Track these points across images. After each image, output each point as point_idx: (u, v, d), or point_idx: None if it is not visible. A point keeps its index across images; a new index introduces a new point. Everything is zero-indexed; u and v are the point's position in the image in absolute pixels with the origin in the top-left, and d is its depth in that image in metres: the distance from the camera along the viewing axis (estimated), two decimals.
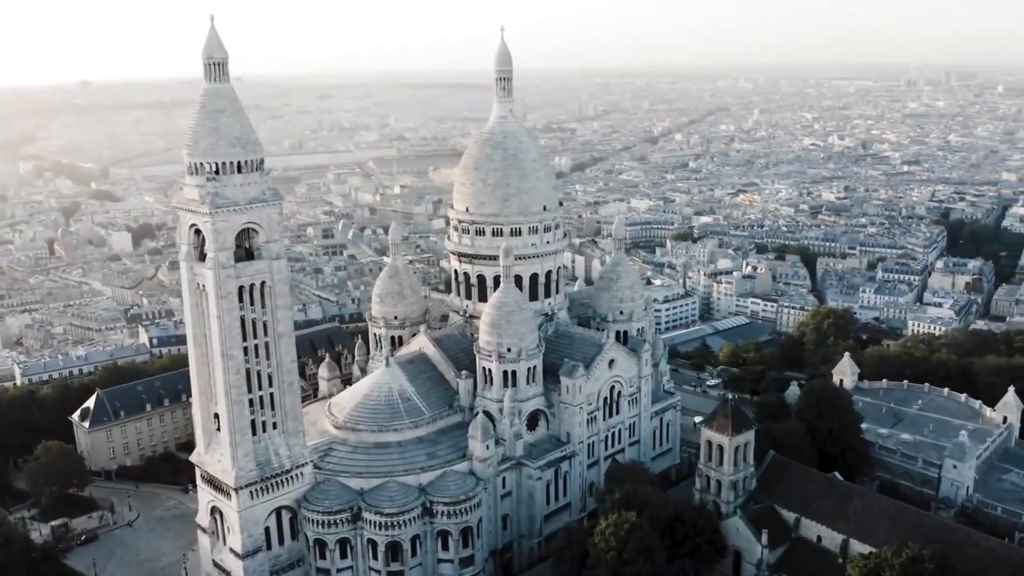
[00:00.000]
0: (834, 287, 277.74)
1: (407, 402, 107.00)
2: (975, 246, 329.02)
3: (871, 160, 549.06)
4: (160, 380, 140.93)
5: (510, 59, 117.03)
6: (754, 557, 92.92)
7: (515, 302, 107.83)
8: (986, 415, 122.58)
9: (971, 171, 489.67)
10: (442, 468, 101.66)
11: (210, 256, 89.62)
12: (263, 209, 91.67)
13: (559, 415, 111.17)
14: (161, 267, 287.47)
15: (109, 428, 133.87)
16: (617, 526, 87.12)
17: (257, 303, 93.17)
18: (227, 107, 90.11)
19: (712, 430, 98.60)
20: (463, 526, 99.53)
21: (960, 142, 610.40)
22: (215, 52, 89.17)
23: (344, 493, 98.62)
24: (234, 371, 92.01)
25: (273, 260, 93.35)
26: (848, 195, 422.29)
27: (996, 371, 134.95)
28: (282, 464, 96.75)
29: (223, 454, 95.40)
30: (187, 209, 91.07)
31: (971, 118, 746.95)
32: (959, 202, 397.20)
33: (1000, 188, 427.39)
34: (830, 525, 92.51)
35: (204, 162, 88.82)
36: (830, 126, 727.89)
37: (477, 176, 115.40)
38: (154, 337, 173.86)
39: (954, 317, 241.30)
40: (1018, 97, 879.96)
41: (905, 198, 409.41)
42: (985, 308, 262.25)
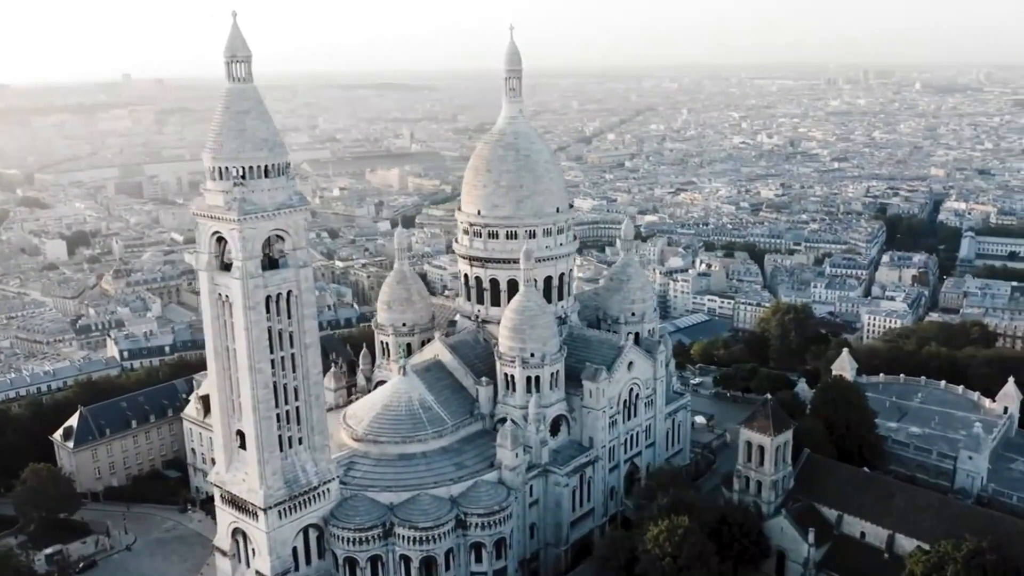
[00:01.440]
0: (785, 283, 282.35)
1: (428, 411, 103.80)
2: (913, 240, 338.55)
3: (801, 158, 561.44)
4: (144, 395, 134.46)
5: (519, 58, 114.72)
6: (800, 556, 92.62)
7: (537, 306, 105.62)
8: (986, 406, 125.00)
9: (899, 167, 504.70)
10: (472, 479, 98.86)
11: (237, 265, 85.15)
12: (291, 215, 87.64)
13: (581, 420, 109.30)
14: (105, 276, 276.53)
15: (94, 447, 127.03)
16: (671, 532, 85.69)
17: (283, 313, 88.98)
18: (252, 108, 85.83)
19: (753, 431, 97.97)
20: (497, 537, 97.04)
21: (885, 139, 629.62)
22: (239, 50, 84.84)
23: (374, 508, 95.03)
24: (262, 385, 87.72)
25: (300, 268, 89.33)
26: (786, 192, 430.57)
27: (987, 363, 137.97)
28: (309, 481, 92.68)
29: (248, 473, 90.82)
30: (210, 216, 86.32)
31: (893, 115, 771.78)
32: (893, 197, 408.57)
33: (930, 183, 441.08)
34: (875, 521, 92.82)
35: (230, 166, 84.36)
36: (757, 125, 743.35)
37: (490, 178, 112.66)
38: (125, 350, 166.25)
39: (907, 310, 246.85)
40: (935, 94, 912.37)
41: (841, 194, 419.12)
42: (933, 301, 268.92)
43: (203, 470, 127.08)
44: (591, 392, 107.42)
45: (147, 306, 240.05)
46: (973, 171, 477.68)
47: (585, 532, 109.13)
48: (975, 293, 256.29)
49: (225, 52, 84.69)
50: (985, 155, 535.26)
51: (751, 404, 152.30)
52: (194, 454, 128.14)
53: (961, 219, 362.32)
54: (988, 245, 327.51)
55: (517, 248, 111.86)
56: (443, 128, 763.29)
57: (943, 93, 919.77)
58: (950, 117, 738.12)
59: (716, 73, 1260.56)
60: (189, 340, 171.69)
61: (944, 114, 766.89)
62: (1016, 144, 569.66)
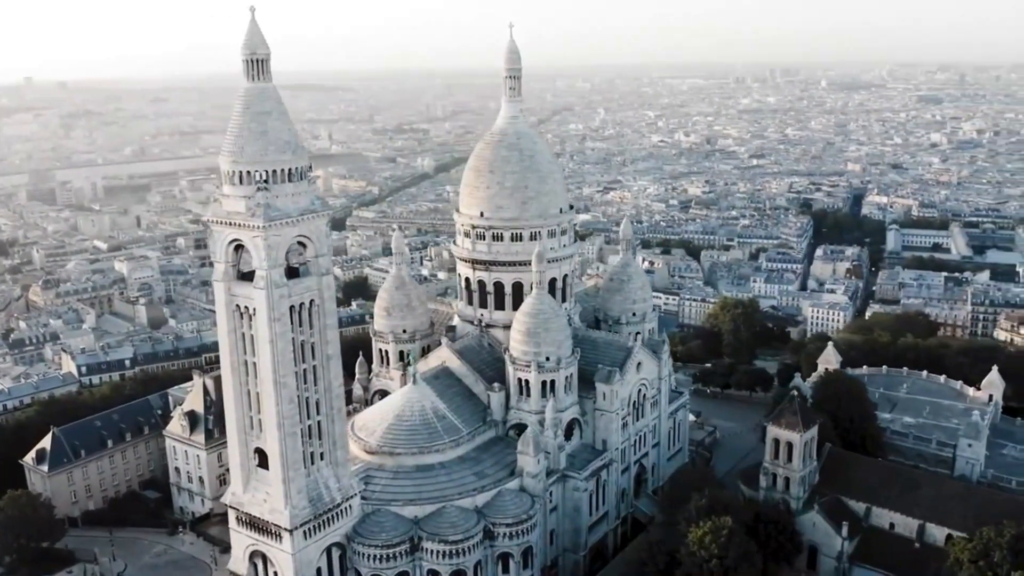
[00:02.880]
0: (725, 278, 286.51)
1: (443, 420, 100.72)
2: (839, 234, 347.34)
3: (720, 155, 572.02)
4: (118, 413, 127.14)
5: (519, 57, 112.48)
6: (833, 550, 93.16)
7: (551, 309, 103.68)
8: (970, 394, 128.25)
9: (815, 163, 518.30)
10: (495, 488, 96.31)
11: (260, 275, 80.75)
12: (313, 220, 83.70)
13: (593, 423, 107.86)
14: (32, 287, 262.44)
15: (70, 470, 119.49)
16: (715, 532, 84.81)
17: (305, 324, 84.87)
18: (273, 109, 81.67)
19: (781, 427, 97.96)
20: (525, 547, 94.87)
21: (798, 135, 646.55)
22: (258, 48, 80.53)
23: (399, 523, 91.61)
24: (287, 400, 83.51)
25: (322, 276, 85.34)
26: (712, 189, 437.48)
27: (963, 352, 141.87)
28: (333, 498, 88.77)
29: (270, 492, 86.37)
30: (228, 223, 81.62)
31: (802, 112, 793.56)
32: (816, 192, 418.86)
33: (848, 178, 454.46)
34: (904, 512, 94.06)
35: (252, 170, 79.97)
36: (673, 123, 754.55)
37: (493, 179, 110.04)
38: (83, 365, 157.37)
39: (848, 302, 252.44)
40: (840, 91, 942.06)
41: (764, 190, 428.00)
42: (868, 293, 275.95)
43: (188, 490, 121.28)
44: (604, 394, 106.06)
45: (80, 317, 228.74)
46: (887, 166, 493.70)
47: (600, 536, 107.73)
48: (911, 284, 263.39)
49: (243, 50, 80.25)
50: (896, 150, 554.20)
51: (732, 401, 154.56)
52: (178, 473, 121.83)
53: (884, 212, 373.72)
54: (912, 237, 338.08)
55: (523, 250, 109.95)
56: (361, 129, 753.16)
57: (848, 90, 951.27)
58: (858, 113, 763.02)
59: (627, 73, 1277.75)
60: (150, 353, 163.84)
61: (852, 110, 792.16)
62: (924, 139, 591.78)
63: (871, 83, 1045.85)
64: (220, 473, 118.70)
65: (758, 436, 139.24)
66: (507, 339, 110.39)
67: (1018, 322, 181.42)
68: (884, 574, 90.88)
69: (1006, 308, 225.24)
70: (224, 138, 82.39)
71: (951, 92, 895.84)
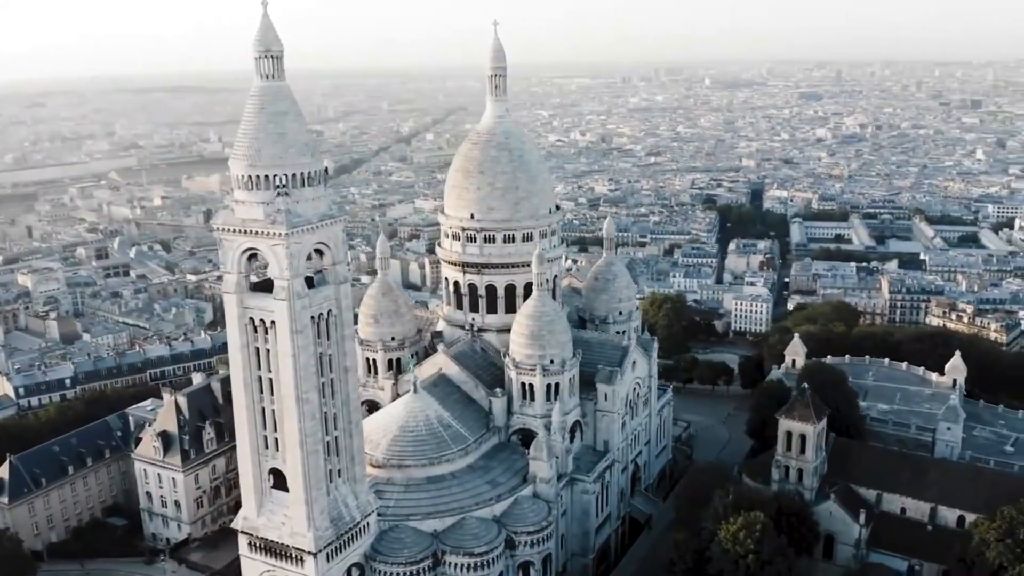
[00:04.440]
0: (644, 274, 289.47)
1: (448, 429, 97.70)
2: (744, 228, 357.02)
3: (617, 154, 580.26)
4: (76, 437, 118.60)
5: (504, 55, 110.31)
6: (851, 538, 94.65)
7: (554, 311, 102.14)
8: (934, 380, 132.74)
9: (709, 159, 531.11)
10: (510, 496, 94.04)
11: (281, 285, 76.14)
12: (332, 226, 79.49)
13: (594, 424, 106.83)
14: None
15: (31, 501, 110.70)
16: (749, 528, 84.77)
17: (324, 335, 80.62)
18: (290, 109, 77.38)
19: (794, 420, 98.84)
20: (545, 554, 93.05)
21: (689, 133, 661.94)
22: (272, 44, 76.01)
23: (420, 538, 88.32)
24: (310, 416, 79.08)
25: (339, 284, 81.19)
26: (618, 187, 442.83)
27: (917, 339, 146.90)
28: (353, 516, 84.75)
29: (289, 515, 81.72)
30: (242, 231, 76.65)
31: (691, 110, 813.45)
32: (718, 188, 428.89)
33: (745, 173, 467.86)
34: (915, 496, 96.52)
35: (270, 174, 75.29)
36: (567, 122, 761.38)
37: (483, 180, 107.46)
38: (20, 386, 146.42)
39: (769, 294, 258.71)
40: (724, 89, 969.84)
41: (668, 187, 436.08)
42: (784, 284, 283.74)
43: (162, 515, 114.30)
44: (606, 395, 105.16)
45: None
46: (779, 161, 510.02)
47: (604, 538, 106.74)
48: (825, 275, 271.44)
49: (256, 46, 75.58)
50: (784, 145, 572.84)
51: (696, 395, 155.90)
52: (149, 498, 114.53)
53: (785, 206, 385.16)
54: (815, 229, 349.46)
55: (516, 252, 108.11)
56: None
57: (732, 88, 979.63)
58: (744, 111, 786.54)
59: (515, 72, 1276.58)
60: (92, 371, 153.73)
61: (737, 108, 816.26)
62: (810, 135, 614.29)
63: (752, 81, 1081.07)
64: (197, 496, 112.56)
65: (729, 428, 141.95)
66: (501, 343, 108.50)
67: (949, 308, 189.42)
68: (901, 558, 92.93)
69: (921, 295, 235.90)
70: (237, 140, 77.36)
71: (829, 88, 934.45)
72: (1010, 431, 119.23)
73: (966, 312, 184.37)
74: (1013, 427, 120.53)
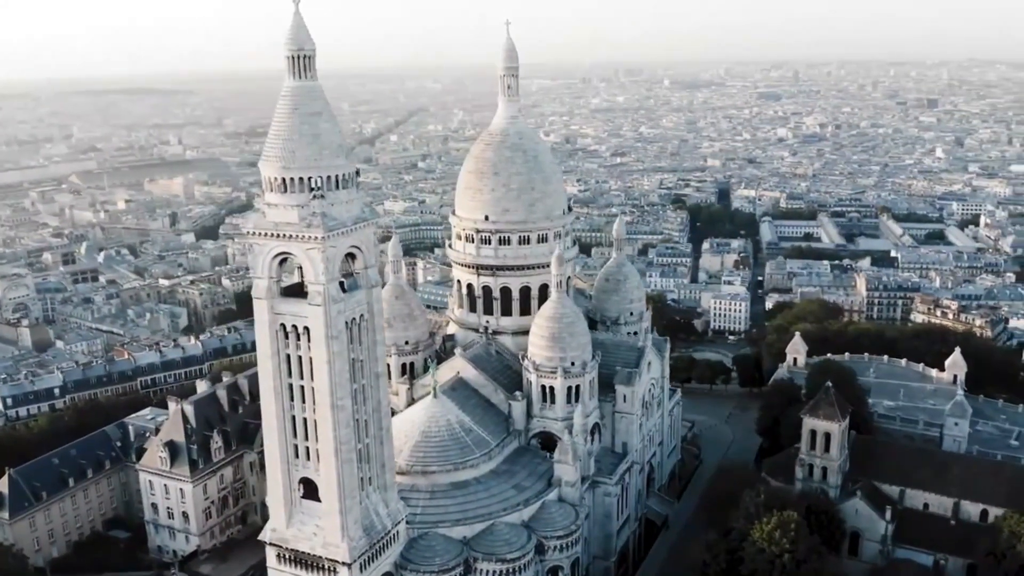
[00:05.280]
0: None
1: (470, 433, 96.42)
2: (714, 227, 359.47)
3: (582, 154, 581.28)
4: (76, 448, 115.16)
5: (517, 55, 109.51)
6: (876, 534, 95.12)
7: (574, 312, 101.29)
8: (933, 376, 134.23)
9: (674, 159, 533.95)
10: (537, 500, 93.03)
11: (317, 290, 74.31)
12: (365, 229, 77.84)
13: (613, 425, 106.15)
14: None
15: (32, 515, 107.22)
16: (783, 527, 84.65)
17: (356, 340, 78.89)
18: (323, 109, 75.52)
19: (819, 418, 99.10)
20: (574, 558, 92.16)
21: (652, 133, 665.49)
22: (305, 43, 74.13)
23: (450, 546, 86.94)
24: (344, 424, 77.30)
25: (371, 288, 79.52)
26: (587, 187, 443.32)
27: (913, 336, 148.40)
28: (384, 525, 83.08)
29: (321, 525, 79.85)
30: (275, 235, 74.62)
31: (652, 111, 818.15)
32: (686, 188, 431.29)
33: (711, 173, 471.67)
34: (938, 491, 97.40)
35: (305, 176, 73.39)
36: (530, 123, 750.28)
37: (498, 181, 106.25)
38: (7, 396, 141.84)
39: (747, 293, 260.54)
40: (683, 89, 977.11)
41: (636, 187, 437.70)
42: (758, 283, 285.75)
43: (169, 527, 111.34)
44: (625, 396, 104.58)
45: None
46: (743, 160, 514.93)
47: (624, 540, 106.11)
48: (801, 273, 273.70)
49: (289, 45, 73.61)
50: (747, 145, 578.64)
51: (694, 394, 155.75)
52: (155, 510, 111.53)
53: (754, 205, 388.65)
54: (784, 228, 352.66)
55: (531, 253, 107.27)
56: (212, 133, 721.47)
57: (691, 88, 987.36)
58: (704, 111, 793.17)
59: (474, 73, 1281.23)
60: (81, 379, 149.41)
61: (698, 108, 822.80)
62: (771, 134, 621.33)
63: (711, 81, 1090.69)
64: (206, 507, 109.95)
65: (732, 427, 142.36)
66: (516, 346, 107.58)
67: (933, 305, 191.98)
68: (926, 553, 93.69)
69: (898, 292, 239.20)
70: (268, 141, 75.35)
71: (787, 89, 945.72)
72: (1012, 425, 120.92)
73: (951, 309, 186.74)
74: (1015, 421, 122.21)
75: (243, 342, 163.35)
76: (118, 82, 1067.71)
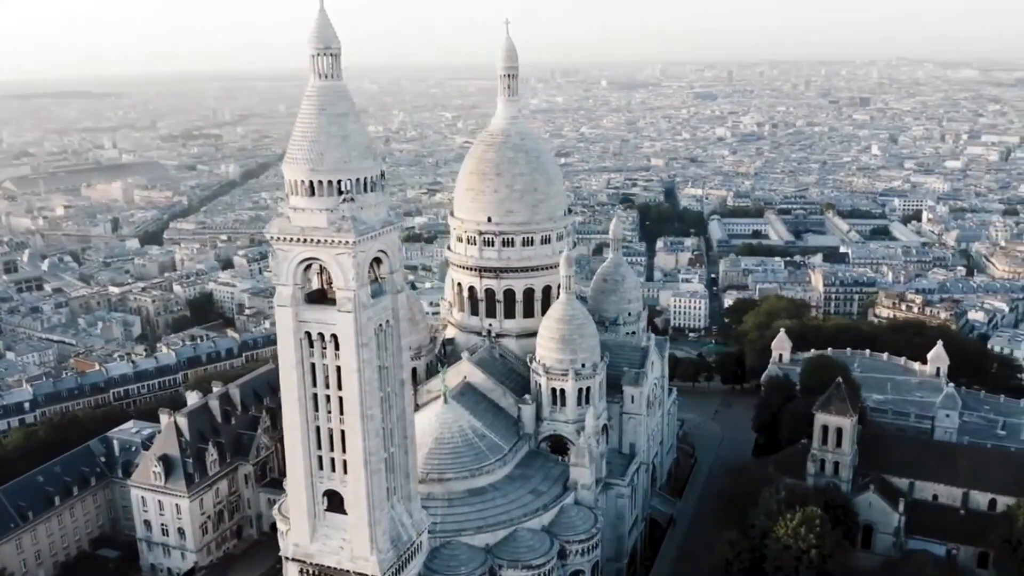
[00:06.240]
0: (579, 273, 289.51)
1: (483, 439, 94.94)
2: (663, 226, 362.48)
3: None
4: (60, 465, 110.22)
5: (516, 55, 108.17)
6: (890, 527, 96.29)
7: (583, 314, 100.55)
8: (916, 369, 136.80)
9: (617, 159, 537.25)
10: (556, 504, 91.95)
11: (347, 296, 72.05)
12: (391, 233, 75.83)
13: (620, 426, 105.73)
14: None
15: (19, 536, 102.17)
16: (808, 523, 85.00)
17: (382, 347, 76.81)
18: (349, 110, 73.32)
19: (831, 414, 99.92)
20: (594, 561, 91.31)
21: (593, 134, 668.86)
22: (332, 42, 71.91)
23: (474, 554, 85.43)
24: (374, 434, 75.19)
25: (396, 294, 77.53)
26: None
27: (892, 330, 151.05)
28: (410, 536, 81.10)
29: (348, 539, 77.60)
30: (301, 240, 72.17)
31: (591, 111, 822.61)
32: (633, 187, 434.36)
33: (655, 172, 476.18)
34: (947, 482, 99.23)
35: (334, 179, 71.11)
36: (472, 124, 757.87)
37: (501, 182, 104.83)
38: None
39: (706, 291, 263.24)
40: (621, 90, 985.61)
41: (583, 187, 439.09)
42: (711, 280, 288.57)
43: (163, 544, 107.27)
44: (633, 397, 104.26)
45: None
46: (685, 159, 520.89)
47: (634, 542, 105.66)
48: (756, 270, 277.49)
49: (315, 43, 71.26)
50: (687, 144, 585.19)
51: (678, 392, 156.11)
52: (148, 527, 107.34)
53: (701, 204, 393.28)
54: (733, 226, 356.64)
55: (535, 255, 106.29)
56: (147, 136, 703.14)
57: (628, 89, 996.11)
58: (643, 111, 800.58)
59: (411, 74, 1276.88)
60: (52, 393, 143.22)
61: (636, 108, 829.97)
62: (710, 133, 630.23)
63: (647, 82, 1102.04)
64: (203, 522, 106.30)
65: (720, 424, 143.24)
66: (521, 349, 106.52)
67: (898, 299, 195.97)
68: (938, 543, 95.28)
69: (854, 287, 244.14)
70: (293, 143, 72.72)
71: (722, 88, 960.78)
72: (997, 415, 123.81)
73: (916, 303, 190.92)
74: (999, 411, 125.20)
75: (217, 350, 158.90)
76: (45, 85, 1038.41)
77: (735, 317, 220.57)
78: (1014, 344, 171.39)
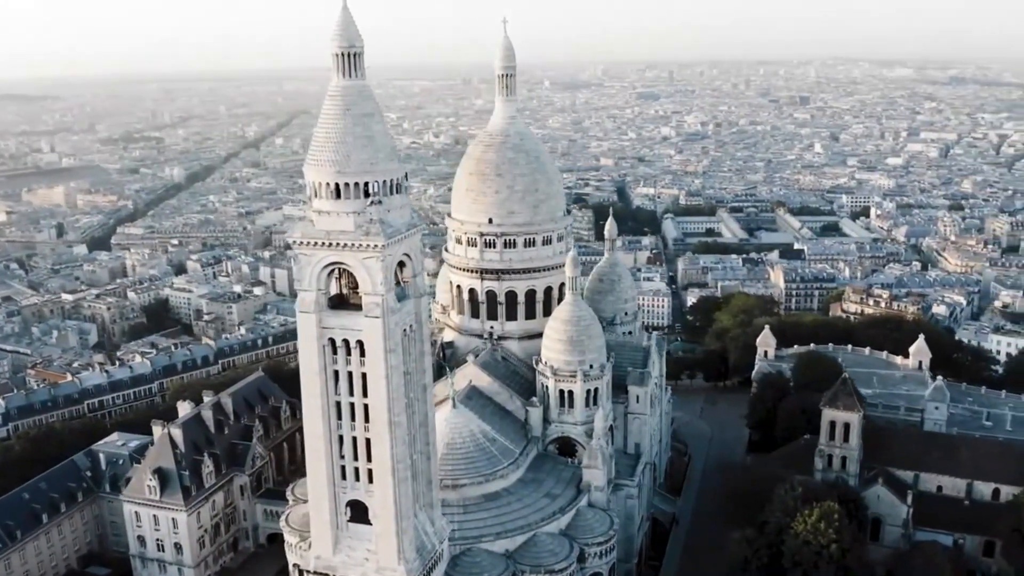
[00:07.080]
0: None
1: (494, 443, 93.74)
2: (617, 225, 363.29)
3: None
4: (45, 481, 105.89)
5: (514, 55, 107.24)
6: (898, 519, 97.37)
7: (590, 315, 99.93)
8: (899, 363, 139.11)
9: (566, 160, 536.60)
10: (571, 507, 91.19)
11: (375, 301, 70.30)
12: (415, 236, 74.23)
13: (625, 426, 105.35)
14: None
15: (8, 557, 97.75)
16: (827, 519, 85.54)
17: (406, 352, 75.16)
18: (375, 111, 71.47)
19: (838, 409, 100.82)
20: (612, 564, 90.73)
21: (540, 134, 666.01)
22: (355, 40, 69.99)
23: (495, 560, 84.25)
24: (401, 442, 73.55)
25: (419, 298, 75.96)
26: None
27: (870, 325, 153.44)
28: (433, 544, 79.62)
29: (374, 549, 75.79)
30: (327, 244, 70.18)
31: (536, 111, 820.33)
32: (585, 187, 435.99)
33: (606, 173, 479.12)
34: (951, 474, 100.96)
35: (360, 181, 69.30)
36: (418, 124, 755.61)
37: (502, 183, 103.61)
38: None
39: (667, 289, 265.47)
40: (564, 90, 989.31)
41: None
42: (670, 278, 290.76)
43: (158, 560, 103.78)
44: (638, 397, 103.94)
45: None
46: (633, 159, 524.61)
47: (640, 542, 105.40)
48: (715, 268, 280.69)
49: (339, 41, 69.29)
50: (634, 144, 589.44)
51: None
52: (142, 543, 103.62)
53: (654, 203, 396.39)
54: (687, 225, 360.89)
55: (536, 256, 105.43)
56: (86, 139, 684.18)
57: (572, 89, 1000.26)
58: (587, 111, 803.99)
59: None
60: (24, 406, 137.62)
61: (580, 108, 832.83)
62: (655, 133, 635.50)
63: (590, 82, 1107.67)
64: (200, 536, 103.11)
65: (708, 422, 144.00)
66: (523, 351, 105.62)
67: (865, 294, 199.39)
68: (945, 533, 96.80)
69: (814, 283, 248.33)
70: (316, 144, 70.79)
71: (664, 88, 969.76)
72: (980, 407, 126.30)
73: (883, 298, 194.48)
74: (982, 403, 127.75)
75: (193, 358, 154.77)
76: None
77: (700, 315, 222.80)
78: (980, 337, 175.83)
